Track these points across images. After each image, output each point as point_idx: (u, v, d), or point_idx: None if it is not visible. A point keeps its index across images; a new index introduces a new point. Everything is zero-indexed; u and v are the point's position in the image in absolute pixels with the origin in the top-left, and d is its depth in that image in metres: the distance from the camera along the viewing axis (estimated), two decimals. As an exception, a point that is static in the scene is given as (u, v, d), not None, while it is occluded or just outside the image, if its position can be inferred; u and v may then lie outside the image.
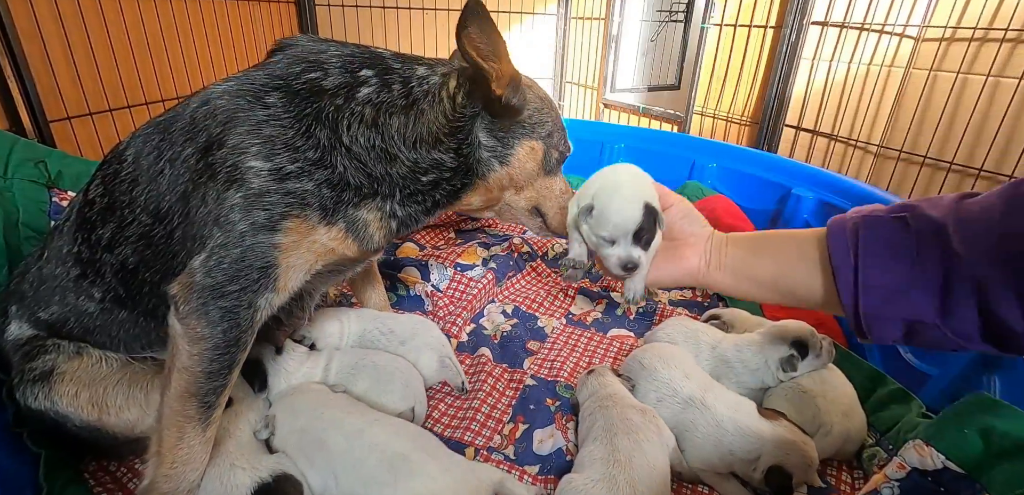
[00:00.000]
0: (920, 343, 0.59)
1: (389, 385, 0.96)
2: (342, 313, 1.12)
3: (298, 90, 0.73)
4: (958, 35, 1.51)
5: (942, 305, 0.54)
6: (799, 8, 1.76)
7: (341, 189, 0.74)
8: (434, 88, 0.79)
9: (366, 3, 2.45)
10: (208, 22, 1.83)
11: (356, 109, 0.75)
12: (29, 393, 0.78)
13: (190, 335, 0.69)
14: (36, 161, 1.13)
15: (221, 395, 0.73)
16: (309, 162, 0.72)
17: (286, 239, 0.70)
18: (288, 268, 0.72)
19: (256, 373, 0.94)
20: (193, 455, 0.73)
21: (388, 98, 0.77)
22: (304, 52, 0.77)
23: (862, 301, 0.59)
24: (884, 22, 1.66)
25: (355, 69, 0.77)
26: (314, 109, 0.73)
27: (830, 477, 0.90)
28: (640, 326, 1.32)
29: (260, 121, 0.71)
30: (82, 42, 1.41)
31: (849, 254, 0.60)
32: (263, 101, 0.72)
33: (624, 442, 0.81)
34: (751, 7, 1.97)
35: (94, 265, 0.80)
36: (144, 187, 0.75)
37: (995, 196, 0.53)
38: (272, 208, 0.69)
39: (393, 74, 0.78)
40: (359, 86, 0.76)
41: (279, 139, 0.70)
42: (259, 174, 0.69)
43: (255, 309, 0.71)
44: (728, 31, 2.06)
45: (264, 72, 0.75)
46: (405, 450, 0.78)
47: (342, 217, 0.75)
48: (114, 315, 0.82)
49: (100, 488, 0.85)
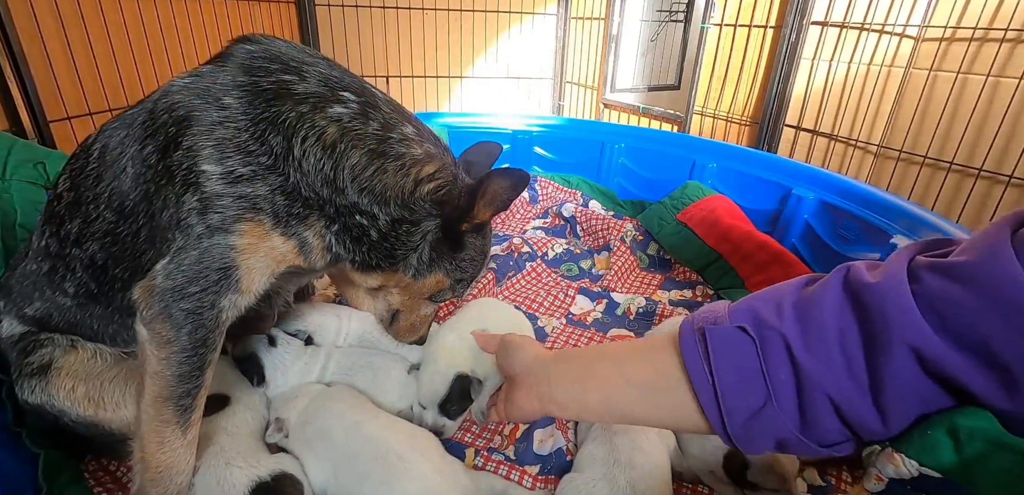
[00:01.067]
0: (793, 452, 0.54)
1: (387, 384, 0.97)
2: (342, 310, 1.12)
3: (264, 89, 0.70)
4: (958, 35, 1.51)
5: (801, 419, 0.49)
6: (799, 8, 1.76)
7: (293, 198, 0.71)
8: (410, 158, 0.75)
9: (366, 3, 2.45)
10: (208, 22, 1.83)
11: (319, 122, 0.70)
12: (27, 387, 0.78)
13: (156, 339, 0.69)
14: (35, 162, 1.12)
15: (197, 397, 0.72)
16: (262, 167, 0.69)
17: (241, 241, 0.69)
18: (249, 270, 0.71)
19: (253, 367, 0.94)
20: (176, 459, 0.73)
21: (360, 129, 0.72)
22: (286, 54, 0.74)
23: (728, 424, 0.52)
24: (884, 22, 1.66)
25: (337, 87, 0.73)
26: (272, 113, 0.69)
27: (830, 476, 0.90)
28: (640, 326, 1.32)
29: (214, 123, 0.68)
30: (82, 42, 1.41)
31: (705, 372, 0.53)
32: (220, 102, 0.69)
33: (624, 442, 0.81)
34: (751, 7, 1.97)
35: (63, 259, 0.80)
36: (107, 184, 0.74)
37: (831, 284, 0.49)
38: (225, 211, 0.68)
39: (377, 112, 0.74)
40: (333, 103, 0.72)
41: (232, 142, 0.68)
42: (211, 178, 0.68)
43: (219, 310, 0.70)
44: (728, 31, 2.06)
45: (230, 67, 0.72)
46: (399, 448, 0.78)
47: (295, 233, 0.73)
48: (89, 310, 0.82)
49: (100, 488, 0.85)
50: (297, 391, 0.93)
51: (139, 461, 0.73)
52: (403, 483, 0.75)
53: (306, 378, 0.98)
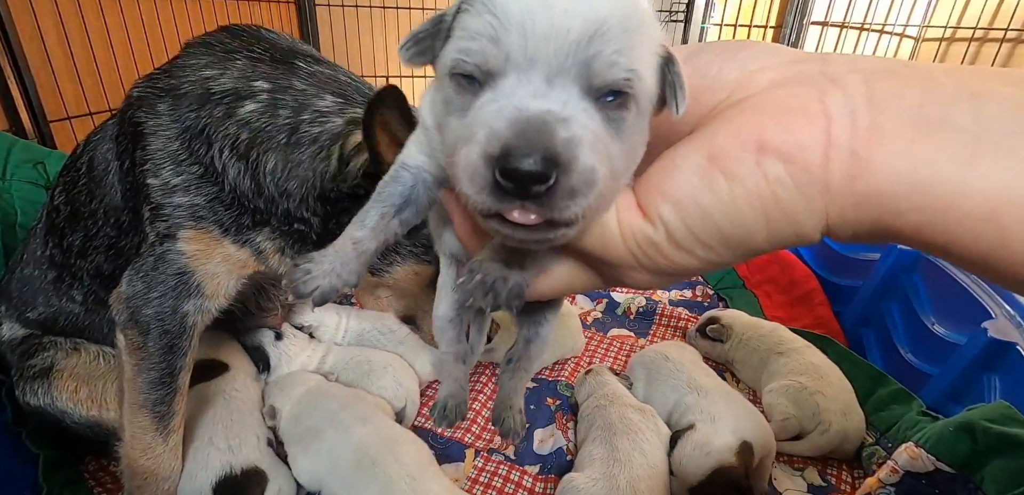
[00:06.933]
0: None
1: (383, 378, 0.98)
2: (342, 308, 1.14)
3: (185, 93, 0.66)
4: (958, 35, 1.51)
5: None
6: (799, 8, 1.76)
7: (236, 208, 0.67)
8: (328, 135, 0.64)
9: (366, 3, 2.45)
10: (208, 22, 1.83)
11: (230, 130, 0.64)
12: (29, 390, 0.78)
13: (129, 346, 0.70)
14: (34, 162, 1.12)
15: (173, 403, 0.72)
16: (194, 177, 0.66)
17: (190, 247, 0.68)
18: (210, 275, 0.69)
19: (259, 357, 0.99)
20: (160, 465, 0.73)
21: (269, 125, 0.64)
22: (223, 44, 0.69)
23: None
24: (884, 22, 1.66)
25: (252, 77, 0.66)
26: (193, 119, 0.65)
27: (830, 476, 0.90)
28: (640, 326, 1.32)
29: (150, 134, 0.66)
30: (82, 42, 1.40)
31: None
32: (155, 109, 0.66)
33: (623, 442, 0.81)
34: (751, 7, 1.97)
35: (69, 269, 0.81)
36: (101, 200, 0.75)
37: None
38: (168, 218, 0.67)
39: (287, 94, 0.65)
40: (244, 99, 0.64)
41: (163, 151, 0.66)
42: (153, 189, 0.67)
43: (182, 314, 0.69)
44: (728, 31, 2.06)
45: (169, 68, 0.68)
46: (374, 453, 0.78)
47: (247, 241, 0.69)
48: (100, 314, 0.83)
49: (100, 488, 0.85)
50: (294, 380, 0.95)
51: (126, 467, 0.74)
52: (368, 486, 0.75)
53: (306, 367, 1.02)
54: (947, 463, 0.71)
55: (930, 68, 0.23)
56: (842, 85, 0.23)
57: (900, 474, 0.75)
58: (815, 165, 0.22)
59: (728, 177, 0.23)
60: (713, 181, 0.24)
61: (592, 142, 0.23)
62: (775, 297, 1.38)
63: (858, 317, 1.23)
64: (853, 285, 1.27)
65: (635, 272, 0.27)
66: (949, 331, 0.99)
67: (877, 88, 0.23)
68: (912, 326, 1.08)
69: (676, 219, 0.25)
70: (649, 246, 0.26)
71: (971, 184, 0.20)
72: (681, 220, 0.25)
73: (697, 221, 0.24)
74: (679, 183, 0.25)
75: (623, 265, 0.27)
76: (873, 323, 1.20)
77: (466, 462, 0.91)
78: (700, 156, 0.24)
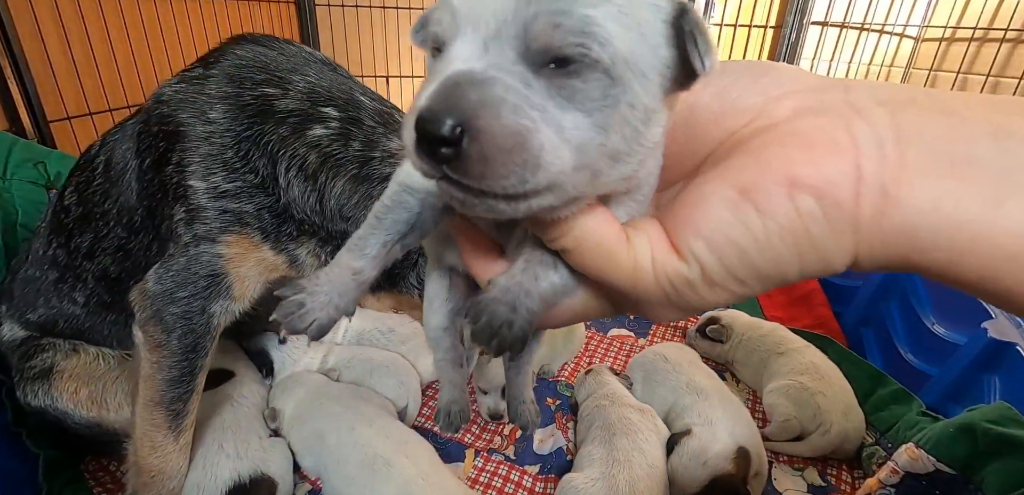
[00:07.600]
0: None
1: (385, 378, 0.98)
2: None
3: (246, 104, 0.68)
4: (958, 35, 1.51)
5: None
6: (799, 8, 1.76)
7: (284, 218, 0.70)
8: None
9: (366, 3, 2.45)
10: (208, 22, 1.83)
11: (300, 150, 0.67)
12: (29, 391, 0.78)
13: (149, 342, 0.69)
14: (35, 162, 1.12)
15: (188, 402, 0.72)
16: (249, 185, 0.68)
17: (229, 251, 0.69)
18: (241, 278, 0.70)
19: (264, 361, 0.99)
20: (168, 464, 0.73)
21: (341, 154, 0.68)
22: (274, 62, 0.71)
23: None
24: (884, 22, 1.66)
25: (319, 102, 0.69)
26: (255, 132, 0.67)
27: (830, 476, 0.90)
28: (640, 325, 1.32)
29: (200, 138, 0.67)
30: (82, 42, 1.40)
31: None
32: (206, 116, 0.68)
33: (623, 442, 0.81)
34: (751, 7, 1.97)
35: (74, 270, 0.80)
36: (115, 200, 0.75)
37: None
38: (210, 222, 0.68)
39: (359, 128, 0.69)
40: (313, 122, 0.68)
41: (217, 158, 0.67)
42: (197, 192, 0.68)
43: (209, 315, 0.70)
44: (728, 31, 2.06)
45: (216, 75, 0.70)
46: (387, 454, 0.78)
47: (285, 249, 0.71)
48: (102, 317, 0.83)
49: (100, 488, 0.85)
50: (295, 380, 0.95)
51: (132, 465, 0.73)
52: (384, 486, 0.75)
53: (309, 368, 1.03)
54: (947, 464, 0.72)
55: (950, 99, 0.24)
56: (867, 117, 0.23)
57: (900, 475, 0.76)
58: (846, 200, 0.22)
59: (761, 212, 0.23)
60: (746, 216, 0.24)
61: (515, 105, 0.22)
62: (775, 297, 1.38)
63: (858, 317, 1.23)
64: (853, 285, 1.27)
65: (662, 308, 0.27)
66: (949, 331, 0.99)
67: (903, 121, 0.23)
68: (912, 326, 1.08)
69: (710, 256, 0.25)
70: (684, 285, 0.25)
71: (997, 224, 0.21)
72: (716, 257, 0.24)
73: (732, 257, 0.24)
74: (711, 218, 0.24)
75: (653, 302, 0.27)
76: (873, 323, 1.20)
77: (466, 462, 0.91)
78: (730, 190, 0.24)
